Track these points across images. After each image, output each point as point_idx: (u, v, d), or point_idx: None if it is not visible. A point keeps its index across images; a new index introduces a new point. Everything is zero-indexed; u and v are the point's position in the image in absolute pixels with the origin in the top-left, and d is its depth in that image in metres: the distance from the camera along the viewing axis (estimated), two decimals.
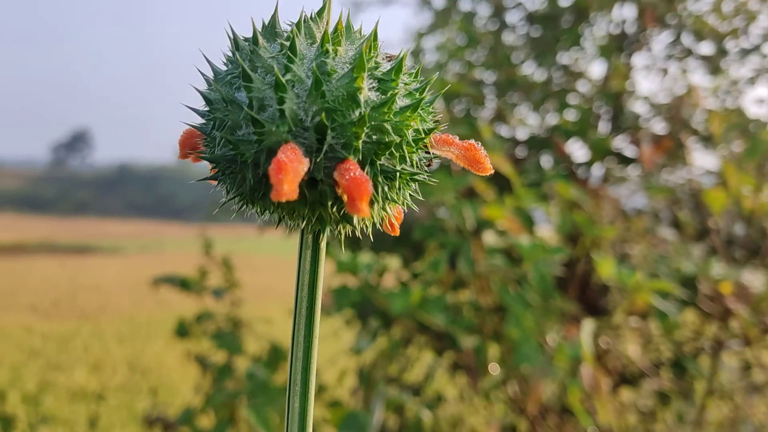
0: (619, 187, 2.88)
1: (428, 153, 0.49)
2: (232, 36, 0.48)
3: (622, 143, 2.67)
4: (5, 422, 2.15)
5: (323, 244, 0.51)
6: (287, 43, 0.44)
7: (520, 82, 2.80)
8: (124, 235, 24.57)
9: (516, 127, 2.82)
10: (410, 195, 0.50)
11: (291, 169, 0.38)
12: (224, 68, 0.48)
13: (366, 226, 0.49)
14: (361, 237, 0.49)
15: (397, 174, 0.46)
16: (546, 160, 2.72)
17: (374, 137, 0.43)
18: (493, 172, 0.49)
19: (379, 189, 0.45)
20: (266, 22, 0.48)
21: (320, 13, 0.49)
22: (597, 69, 3.00)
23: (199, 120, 0.48)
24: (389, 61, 0.48)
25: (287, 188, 0.37)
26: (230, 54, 0.48)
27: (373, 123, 0.43)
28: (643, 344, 2.40)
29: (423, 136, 0.47)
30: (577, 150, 2.65)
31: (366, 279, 1.82)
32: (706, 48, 2.68)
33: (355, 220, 0.48)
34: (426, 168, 0.50)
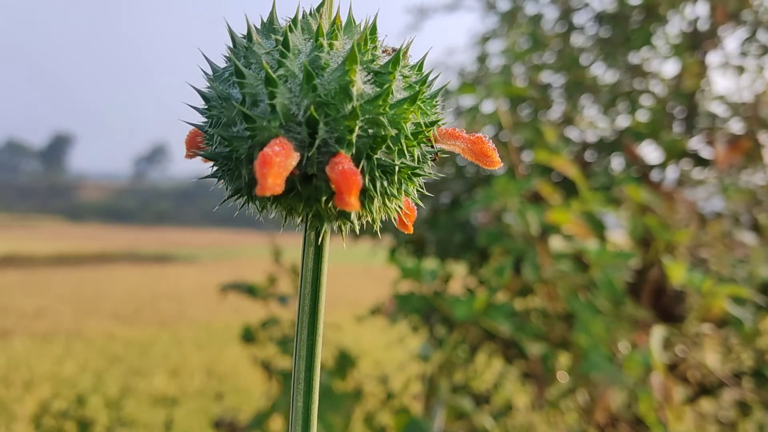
0: (695, 189, 2.78)
1: (433, 147, 0.48)
2: (230, 34, 0.48)
3: (697, 144, 2.58)
4: (83, 426, 2.23)
5: (326, 241, 0.50)
6: (281, 39, 0.44)
7: (589, 83, 2.74)
8: (202, 244, 25.24)
9: (585, 129, 2.76)
10: (417, 190, 0.49)
11: (275, 163, 0.38)
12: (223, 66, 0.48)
13: (374, 222, 0.48)
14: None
15: (396, 168, 0.45)
16: (618, 163, 2.66)
17: (370, 131, 0.42)
18: (501, 165, 0.48)
19: (377, 184, 0.44)
20: (264, 20, 0.48)
21: (319, 8, 0.49)
22: (669, 68, 2.90)
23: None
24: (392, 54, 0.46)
25: (271, 182, 0.37)
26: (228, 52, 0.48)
27: (367, 116, 0.42)
28: (724, 353, 2.31)
29: (424, 129, 0.46)
30: (650, 152, 2.58)
31: (430, 285, 1.81)
32: None
33: (353, 216, 0.47)
34: (431, 162, 0.49)
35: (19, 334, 7.45)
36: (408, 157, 0.45)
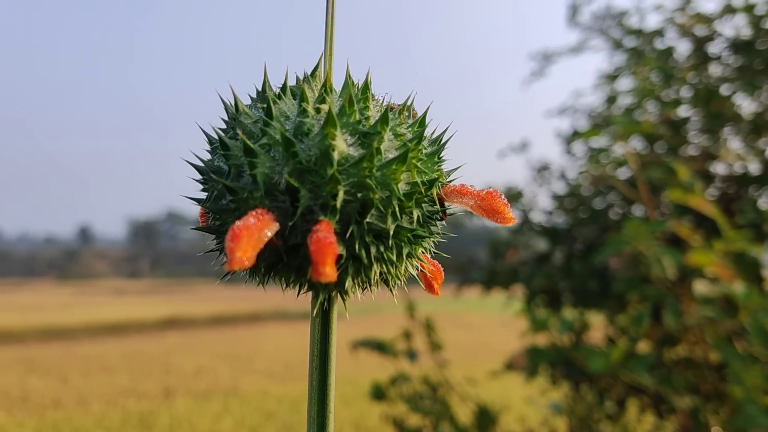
0: None
1: (435, 205, 0.45)
2: (223, 105, 0.47)
3: None
4: None
5: (332, 311, 0.48)
6: (265, 107, 0.43)
7: (729, 114, 2.58)
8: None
9: (728, 163, 2.59)
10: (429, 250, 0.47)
11: (243, 237, 0.36)
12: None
13: (386, 289, 0.46)
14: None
15: (390, 232, 0.42)
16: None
17: (359, 195, 0.40)
18: (516, 221, 0.44)
19: (372, 250, 0.42)
20: (259, 88, 0.47)
21: (313, 73, 0.47)
22: None
23: None
24: (391, 112, 0.45)
25: (239, 256, 0.35)
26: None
27: (352, 180, 0.40)
28: None
29: (420, 188, 0.43)
30: None
31: (564, 336, 1.74)
32: None
33: (348, 285, 0.44)
34: (438, 222, 0.46)
35: (181, 393, 7.87)
36: (405, 219, 0.43)
